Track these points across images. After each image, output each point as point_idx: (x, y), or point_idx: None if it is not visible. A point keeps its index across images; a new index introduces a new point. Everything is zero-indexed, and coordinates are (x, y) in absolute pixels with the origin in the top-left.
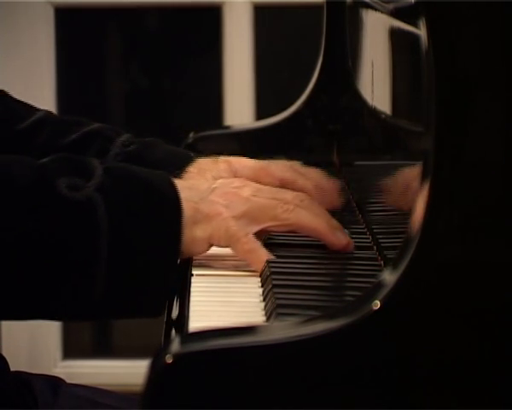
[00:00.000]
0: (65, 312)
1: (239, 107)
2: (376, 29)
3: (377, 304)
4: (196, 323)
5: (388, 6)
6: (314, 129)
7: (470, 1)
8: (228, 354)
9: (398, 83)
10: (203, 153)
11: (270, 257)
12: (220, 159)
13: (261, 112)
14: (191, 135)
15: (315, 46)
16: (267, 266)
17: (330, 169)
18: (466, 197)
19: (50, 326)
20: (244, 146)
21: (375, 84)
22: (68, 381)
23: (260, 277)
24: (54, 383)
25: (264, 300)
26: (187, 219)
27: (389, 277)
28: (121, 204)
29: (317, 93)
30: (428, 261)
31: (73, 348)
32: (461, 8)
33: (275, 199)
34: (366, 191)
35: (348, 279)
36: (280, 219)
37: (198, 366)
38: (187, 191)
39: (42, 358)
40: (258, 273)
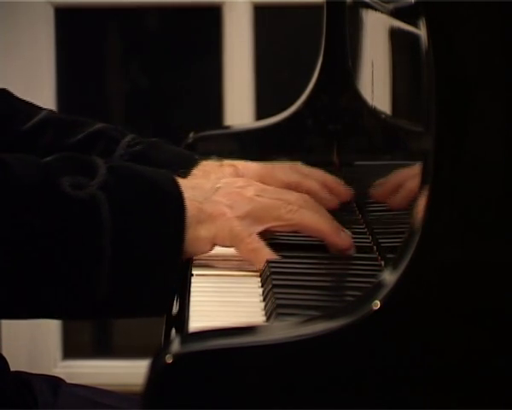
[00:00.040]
0: (68, 310)
1: (239, 107)
2: (376, 29)
3: (377, 304)
4: (196, 323)
5: (388, 6)
6: (314, 129)
7: (470, 1)
8: (228, 354)
9: (398, 83)
10: (204, 153)
11: (274, 257)
12: (226, 162)
13: (261, 112)
14: (191, 135)
15: (315, 46)
16: (267, 266)
17: (330, 169)
18: (466, 197)
19: (50, 326)
20: (244, 146)
21: (375, 84)
22: (68, 381)
23: (260, 277)
24: (54, 383)
25: (264, 300)
26: (190, 218)
27: (389, 277)
28: (125, 203)
29: (317, 93)
30: (428, 261)
31: (73, 348)
32: (461, 8)
33: (279, 199)
34: (366, 191)
35: (348, 279)
36: (284, 219)
37: (198, 366)
38: (191, 191)
39: (42, 358)
40: (258, 273)
